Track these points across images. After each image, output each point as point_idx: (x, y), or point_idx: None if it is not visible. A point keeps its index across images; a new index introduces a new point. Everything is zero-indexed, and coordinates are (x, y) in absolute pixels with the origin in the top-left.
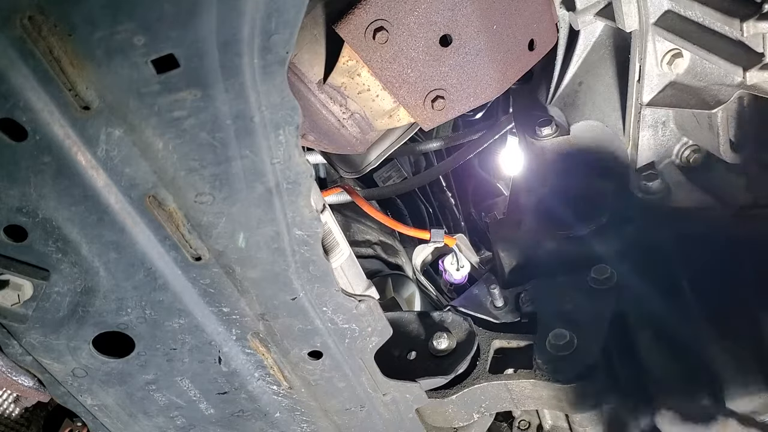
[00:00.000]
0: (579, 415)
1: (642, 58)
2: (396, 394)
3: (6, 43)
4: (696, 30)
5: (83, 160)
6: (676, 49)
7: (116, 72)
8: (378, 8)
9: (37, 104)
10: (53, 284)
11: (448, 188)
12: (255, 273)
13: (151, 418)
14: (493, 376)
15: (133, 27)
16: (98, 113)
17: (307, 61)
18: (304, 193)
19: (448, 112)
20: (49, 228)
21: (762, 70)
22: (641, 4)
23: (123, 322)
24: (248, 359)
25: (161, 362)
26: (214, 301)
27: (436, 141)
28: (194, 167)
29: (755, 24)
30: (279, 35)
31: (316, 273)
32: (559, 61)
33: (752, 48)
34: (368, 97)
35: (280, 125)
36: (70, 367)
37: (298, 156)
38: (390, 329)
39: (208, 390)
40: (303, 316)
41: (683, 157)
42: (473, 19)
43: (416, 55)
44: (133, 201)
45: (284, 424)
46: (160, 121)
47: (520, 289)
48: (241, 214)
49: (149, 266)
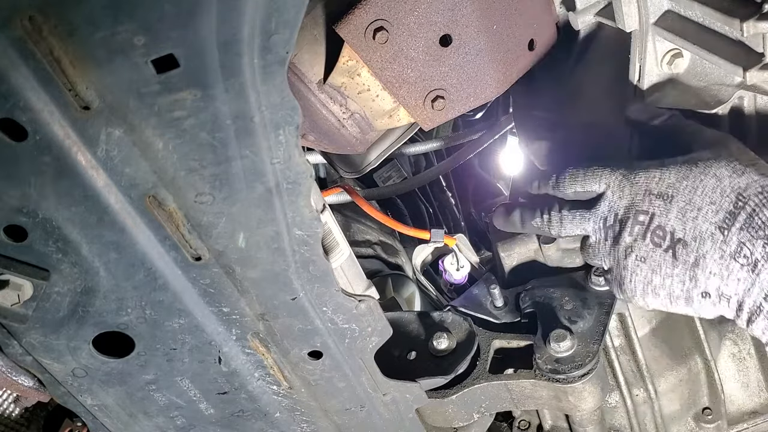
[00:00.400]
0: (579, 415)
1: (642, 58)
2: (396, 394)
3: (6, 44)
4: (696, 30)
5: (83, 160)
6: (676, 49)
7: (116, 72)
8: (378, 8)
9: (37, 104)
10: (53, 284)
11: (448, 188)
12: (255, 273)
13: (151, 418)
14: (493, 376)
15: (134, 27)
16: (98, 113)
17: (307, 61)
18: (304, 193)
19: (448, 112)
20: (50, 228)
21: (762, 70)
22: (641, 4)
23: (123, 322)
24: (248, 359)
25: (161, 362)
26: (214, 301)
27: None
28: (194, 167)
29: (755, 24)
30: (279, 35)
31: (316, 273)
32: (559, 61)
33: (752, 48)
34: (368, 97)
35: (280, 125)
36: (70, 367)
37: (298, 156)
38: (390, 329)
39: (208, 390)
40: (303, 316)
41: None
42: (473, 19)
43: (416, 55)
44: (133, 201)
45: (284, 424)
46: (160, 121)
47: (520, 289)
48: (241, 214)
49: (149, 266)
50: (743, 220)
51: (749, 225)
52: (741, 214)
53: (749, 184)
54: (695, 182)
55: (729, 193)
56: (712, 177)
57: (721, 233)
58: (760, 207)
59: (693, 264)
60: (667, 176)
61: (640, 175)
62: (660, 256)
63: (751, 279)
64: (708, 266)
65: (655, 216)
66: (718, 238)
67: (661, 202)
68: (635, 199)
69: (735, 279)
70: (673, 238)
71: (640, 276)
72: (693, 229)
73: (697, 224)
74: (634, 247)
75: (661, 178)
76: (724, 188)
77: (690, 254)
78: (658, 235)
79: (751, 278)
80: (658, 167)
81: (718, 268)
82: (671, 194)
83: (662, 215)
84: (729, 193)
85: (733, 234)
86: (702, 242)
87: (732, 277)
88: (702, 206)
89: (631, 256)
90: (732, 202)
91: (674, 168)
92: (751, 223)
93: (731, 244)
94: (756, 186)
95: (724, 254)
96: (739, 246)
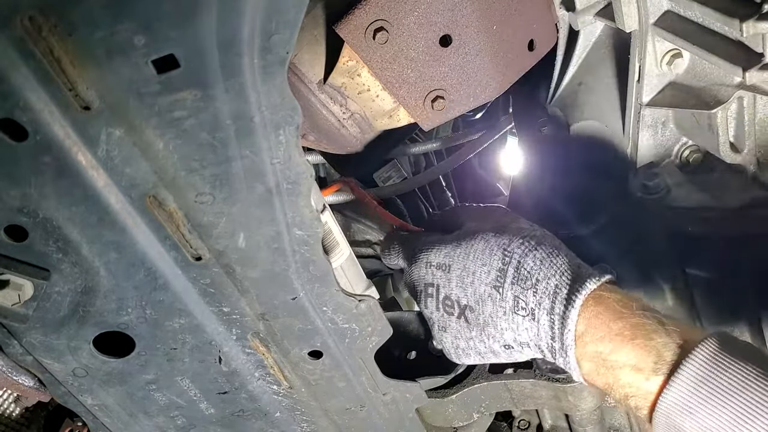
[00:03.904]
0: (579, 415)
1: (642, 58)
2: (396, 394)
3: (6, 44)
4: (696, 30)
5: (83, 160)
6: (676, 49)
7: (116, 72)
8: (378, 8)
9: (37, 104)
10: (54, 284)
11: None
12: (255, 273)
13: (152, 417)
14: (493, 375)
15: (134, 27)
16: (98, 113)
17: (308, 61)
18: (304, 193)
19: (448, 112)
20: (50, 228)
21: (762, 70)
22: (641, 5)
23: (123, 322)
24: (248, 359)
25: (161, 362)
26: (215, 301)
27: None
28: (194, 167)
29: (755, 24)
30: (279, 35)
31: (316, 273)
32: (558, 61)
33: (752, 48)
34: (368, 97)
35: (280, 125)
36: (71, 367)
37: (298, 156)
38: (390, 329)
39: (208, 390)
40: (303, 315)
41: (683, 157)
42: (473, 19)
43: (416, 56)
44: (133, 201)
45: (284, 424)
46: (161, 121)
47: None
48: (241, 214)
49: (149, 266)
50: (512, 274)
51: (518, 278)
52: (509, 269)
53: (512, 238)
54: (467, 248)
55: (496, 251)
56: (480, 240)
57: (497, 292)
58: (524, 257)
59: (484, 324)
60: (443, 248)
61: (422, 251)
62: (455, 323)
63: (535, 326)
64: (498, 324)
65: (440, 287)
66: (496, 298)
67: (442, 273)
68: (421, 273)
69: (524, 329)
70: (460, 305)
71: (448, 342)
72: (474, 293)
73: (475, 288)
74: (433, 318)
75: (438, 249)
76: (491, 248)
77: (479, 317)
78: (448, 305)
79: (535, 326)
80: (437, 241)
81: (507, 324)
82: (448, 263)
83: (445, 285)
84: (496, 251)
85: (507, 290)
86: (484, 304)
87: (521, 329)
88: (476, 270)
89: (434, 327)
90: (500, 259)
91: (449, 239)
92: (519, 276)
93: (508, 301)
94: (518, 238)
95: (506, 311)
96: (515, 300)
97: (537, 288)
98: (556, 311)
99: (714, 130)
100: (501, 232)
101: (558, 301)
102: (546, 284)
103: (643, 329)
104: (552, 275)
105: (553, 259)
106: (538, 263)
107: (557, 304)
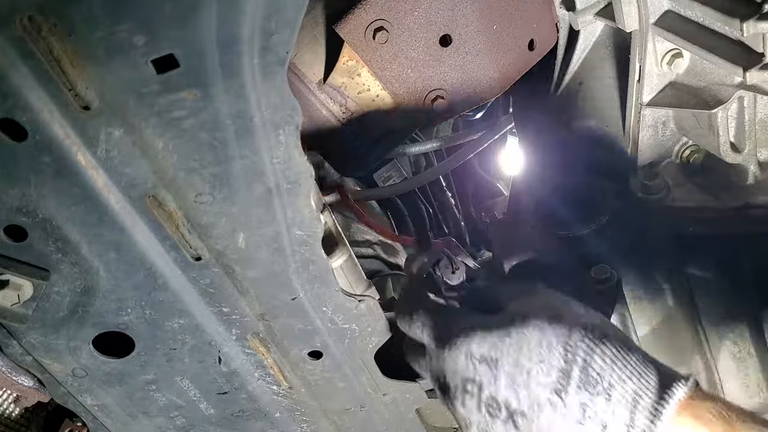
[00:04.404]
0: None
1: (642, 58)
2: (396, 394)
3: (6, 43)
4: (696, 30)
5: (83, 160)
6: (676, 49)
7: (116, 72)
8: (378, 8)
9: (37, 104)
10: (53, 284)
11: (448, 188)
12: (255, 273)
13: (152, 418)
14: None
15: (133, 27)
16: (98, 113)
17: (307, 61)
18: (304, 193)
19: (448, 112)
20: (49, 228)
21: (762, 70)
22: (641, 4)
23: (123, 322)
24: (248, 359)
25: (161, 362)
26: (214, 301)
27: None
28: (194, 167)
29: (755, 24)
30: (279, 35)
31: (316, 273)
32: (559, 61)
33: (752, 48)
34: (368, 97)
35: (280, 125)
36: (70, 367)
37: (298, 156)
38: (390, 329)
39: (208, 390)
40: (303, 316)
41: (683, 157)
42: (473, 19)
43: (416, 55)
44: (133, 201)
45: (284, 424)
46: (160, 121)
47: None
48: (241, 214)
49: (149, 266)
50: (578, 376)
51: (585, 382)
52: (574, 369)
53: (571, 328)
54: (519, 340)
55: (555, 345)
56: (535, 329)
57: (559, 397)
58: (590, 355)
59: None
60: (488, 336)
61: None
62: (502, 427)
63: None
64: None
65: (483, 385)
66: (557, 404)
67: (487, 368)
68: (459, 365)
69: None
70: (509, 409)
71: None
72: (527, 397)
73: (530, 390)
74: (471, 420)
75: (483, 337)
76: (549, 341)
77: (531, 424)
78: (492, 407)
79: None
80: (480, 326)
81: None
82: (496, 357)
83: (491, 383)
84: (555, 345)
85: (572, 396)
86: (540, 410)
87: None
88: (531, 368)
89: (472, 427)
90: (561, 356)
91: (494, 323)
92: (587, 380)
93: (573, 409)
94: (578, 329)
95: (569, 420)
96: (582, 408)
97: (610, 394)
98: (637, 424)
99: (714, 130)
100: (557, 319)
101: (639, 411)
102: (622, 389)
103: None
104: (627, 377)
105: (625, 356)
106: (608, 362)
107: (638, 414)
